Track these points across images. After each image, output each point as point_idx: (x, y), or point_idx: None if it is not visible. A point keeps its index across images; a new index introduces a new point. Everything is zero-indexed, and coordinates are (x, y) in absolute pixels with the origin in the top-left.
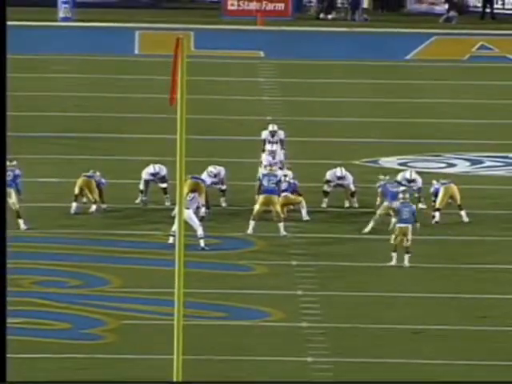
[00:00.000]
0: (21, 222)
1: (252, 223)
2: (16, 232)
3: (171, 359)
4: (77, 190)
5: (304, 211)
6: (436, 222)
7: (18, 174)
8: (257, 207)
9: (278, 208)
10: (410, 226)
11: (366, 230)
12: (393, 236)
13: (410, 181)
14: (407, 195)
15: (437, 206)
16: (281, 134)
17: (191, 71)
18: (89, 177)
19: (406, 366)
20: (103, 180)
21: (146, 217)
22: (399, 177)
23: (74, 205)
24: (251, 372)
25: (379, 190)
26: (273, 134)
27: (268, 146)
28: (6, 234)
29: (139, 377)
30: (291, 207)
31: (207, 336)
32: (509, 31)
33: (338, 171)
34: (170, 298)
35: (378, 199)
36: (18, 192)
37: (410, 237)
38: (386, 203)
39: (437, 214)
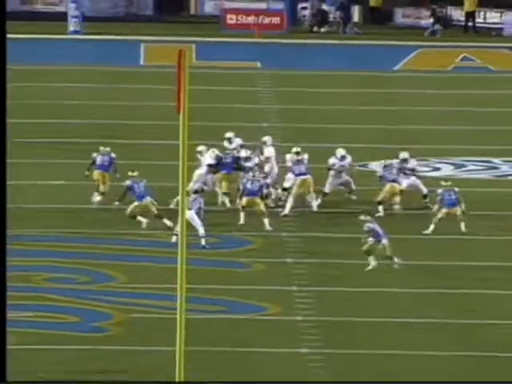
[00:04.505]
0: (166, 221)
1: (242, 214)
2: (25, 231)
3: (174, 350)
4: (97, 183)
5: (314, 203)
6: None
7: (146, 185)
8: (240, 207)
9: (262, 207)
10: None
11: (378, 214)
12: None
13: (403, 160)
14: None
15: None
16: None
17: (193, 81)
18: (104, 170)
19: (396, 357)
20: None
21: (151, 216)
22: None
23: (98, 197)
24: (249, 362)
25: (438, 197)
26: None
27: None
28: (6, 234)
29: (143, 366)
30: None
31: (208, 329)
32: (490, 43)
33: (340, 152)
34: (172, 294)
35: (436, 205)
36: (153, 200)
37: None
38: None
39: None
